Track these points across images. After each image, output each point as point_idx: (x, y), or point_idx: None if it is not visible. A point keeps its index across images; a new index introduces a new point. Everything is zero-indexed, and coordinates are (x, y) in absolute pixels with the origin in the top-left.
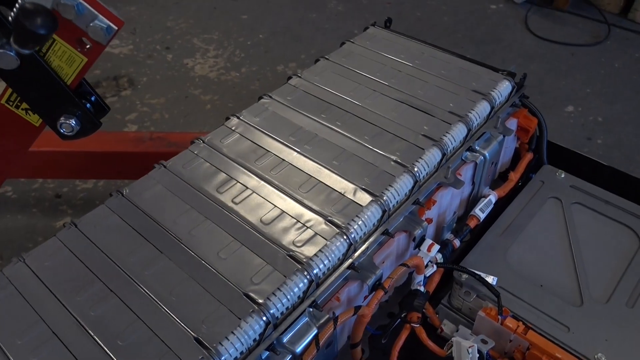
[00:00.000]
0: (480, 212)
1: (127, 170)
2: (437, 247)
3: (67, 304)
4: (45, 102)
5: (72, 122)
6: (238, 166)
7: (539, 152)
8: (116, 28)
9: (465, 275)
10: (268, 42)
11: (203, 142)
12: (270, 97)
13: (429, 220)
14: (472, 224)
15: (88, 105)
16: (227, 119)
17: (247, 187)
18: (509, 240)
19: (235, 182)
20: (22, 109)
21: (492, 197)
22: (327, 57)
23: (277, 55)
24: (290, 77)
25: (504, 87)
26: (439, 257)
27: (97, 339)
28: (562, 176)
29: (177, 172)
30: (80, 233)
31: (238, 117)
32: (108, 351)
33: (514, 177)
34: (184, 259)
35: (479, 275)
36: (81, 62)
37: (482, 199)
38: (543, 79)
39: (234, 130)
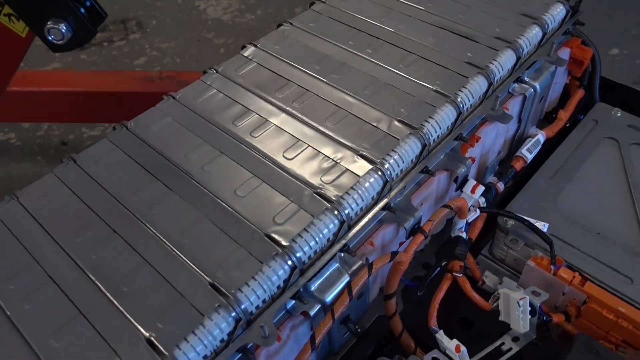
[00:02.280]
0: (528, 152)
1: (135, 113)
2: (481, 188)
3: (65, 246)
4: (29, 2)
5: (62, 27)
6: (256, 97)
7: (591, 89)
8: None
9: (511, 222)
10: None
11: (216, 71)
12: (291, 24)
13: (472, 160)
14: (517, 165)
15: (82, 10)
16: (243, 47)
17: (266, 120)
18: (560, 184)
19: (254, 113)
20: (4, 15)
21: (541, 136)
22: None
23: None
24: (312, 3)
25: (558, 11)
26: (482, 201)
27: (98, 283)
28: (619, 115)
29: (187, 103)
30: (80, 169)
31: (255, 46)
32: (111, 297)
33: (564, 115)
34: (196, 196)
35: (528, 221)
36: None
37: (529, 139)
38: (585, 20)
39: (250, 59)
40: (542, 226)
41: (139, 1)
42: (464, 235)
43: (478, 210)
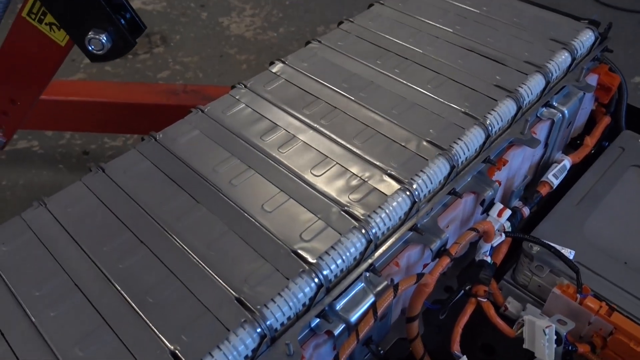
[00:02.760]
0: (554, 177)
1: (158, 125)
2: (508, 212)
3: (92, 254)
4: (72, 12)
5: (103, 37)
6: (284, 113)
7: (617, 116)
8: None
9: (537, 247)
10: (308, 2)
11: (245, 86)
12: (320, 42)
13: (498, 183)
14: (543, 191)
15: (122, 21)
16: (271, 63)
17: (294, 136)
18: (587, 211)
19: (281, 129)
20: (45, 24)
21: (567, 162)
22: (381, 1)
23: (317, 16)
24: (341, 22)
25: (587, 37)
26: (507, 225)
27: (124, 293)
28: None
29: (216, 117)
30: (108, 178)
31: (283, 62)
32: (136, 308)
33: (590, 142)
34: (223, 210)
35: (555, 248)
36: None
37: (555, 164)
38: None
39: (279, 76)
40: (569, 253)
41: (164, 16)
42: (488, 259)
43: (503, 235)
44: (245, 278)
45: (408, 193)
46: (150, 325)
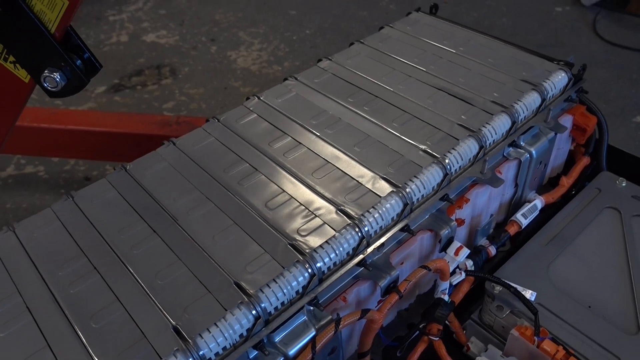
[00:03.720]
0: (523, 217)
1: None
2: (466, 251)
3: (47, 278)
4: (29, 52)
5: (57, 76)
6: (250, 147)
7: (598, 157)
8: None
9: (498, 287)
10: (315, 38)
11: (218, 120)
12: (296, 78)
13: (460, 222)
14: (511, 230)
15: (79, 61)
16: (247, 99)
17: (256, 169)
18: (555, 252)
19: (245, 163)
20: (10, 62)
21: (538, 202)
22: (362, 40)
23: (322, 51)
24: (320, 60)
25: (559, 79)
26: (470, 264)
27: (70, 318)
28: (624, 184)
29: (185, 150)
30: (75, 206)
31: (258, 98)
32: (79, 332)
33: (566, 182)
34: (177, 240)
35: (515, 288)
36: (62, 5)
37: (526, 203)
38: (610, 86)
39: (251, 111)
40: (530, 295)
41: (175, 49)
42: (446, 297)
43: (463, 273)
44: (186, 307)
45: (357, 230)
46: (89, 350)
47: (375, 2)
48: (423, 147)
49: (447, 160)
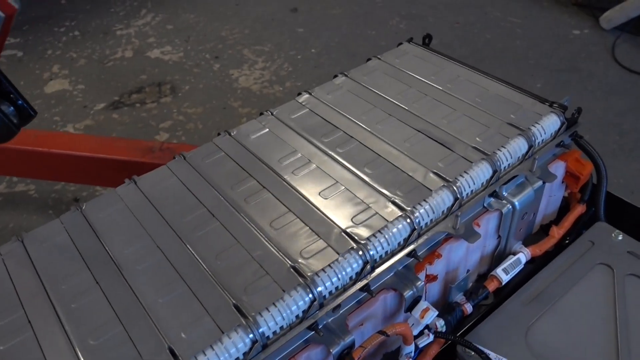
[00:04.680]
0: (503, 273)
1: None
2: (433, 313)
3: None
4: None
5: None
6: (212, 189)
7: (595, 204)
8: (3, 15)
9: (470, 352)
10: (319, 57)
11: (184, 158)
12: (272, 113)
13: (432, 277)
14: (491, 287)
15: (11, 108)
16: (218, 134)
17: (212, 215)
18: (536, 312)
19: (203, 207)
20: None
21: (522, 256)
22: (346, 73)
23: (326, 71)
24: (299, 94)
25: (550, 122)
26: (441, 324)
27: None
28: (620, 238)
29: (145, 190)
30: (24, 249)
31: (229, 134)
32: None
33: (557, 233)
34: (119, 293)
35: (486, 355)
36: None
37: (510, 256)
38: (625, 117)
39: (219, 148)
40: None
41: (178, 66)
42: None
43: (432, 335)
44: None
45: (307, 290)
46: None
47: (385, 21)
48: (392, 197)
49: (416, 214)
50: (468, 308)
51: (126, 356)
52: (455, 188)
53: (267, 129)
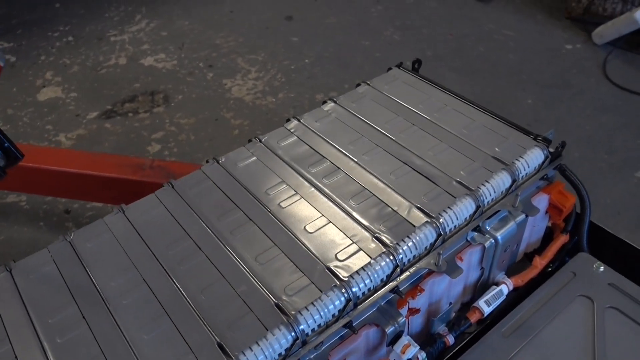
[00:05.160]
0: (485, 304)
1: (123, 197)
2: (414, 349)
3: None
4: None
5: None
6: (199, 220)
7: (578, 234)
8: None
9: None
10: (313, 67)
11: (172, 186)
12: (260, 140)
13: (415, 311)
14: (473, 318)
15: None
16: (207, 162)
17: (199, 248)
18: (516, 345)
19: (189, 239)
20: None
21: (505, 287)
22: (335, 99)
23: (319, 82)
24: (288, 120)
25: (534, 156)
26: (422, 356)
27: None
28: (601, 269)
29: (133, 219)
30: (12, 279)
31: (217, 161)
32: None
33: (539, 263)
34: (105, 329)
35: None
36: None
37: (493, 286)
38: (615, 135)
39: (207, 177)
40: None
41: (172, 74)
42: None
43: None
44: None
45: (290, 329)
46: None
47: (379, 32)
48: (376, 232)
49: (399, 251)
50: (450, 339)
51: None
52: (438, 224)
53: (255, 157)
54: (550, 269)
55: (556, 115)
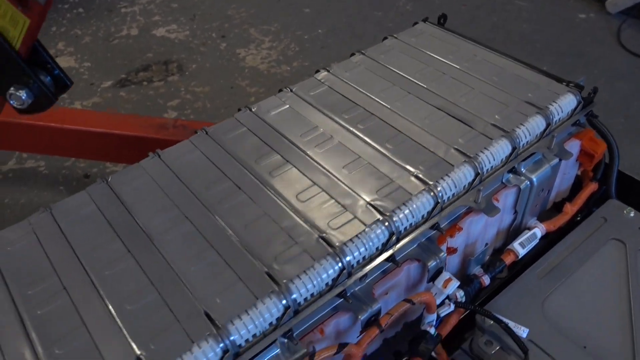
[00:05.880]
0: (520, 246)
1: (145, 156)
2: (455, 283)
3: (16, 298)
4: None
5: (23, 94)
6: (236, 163)
7: (607, 183)
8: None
9: (490, 321)
10: (326, 38)
11: (206, 132)
12: (291, 90)
13: (453, 250)
14: (507, 260)
15: (48, 77)
16: (239, 110)
17: (238, 188)
18: (551, 285)
19: (228, 180)
20: None
21: (538, 230)
22: (363, 51)
23: (333, 52)
24: (317, 71)
25: (567, 101)
26: (461, 294)
27: (35, 341)
28: (632, 215)
29: (170, 163)
30: (53, 219)
31: (250, 109)
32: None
33: (570, 209)
34: (150, 262)
35: (505, 324)
36: (24, 23)
37: (526, 231)
38: (630, 101)
39: (242, 124)
40: (522, 331)
41: (184, 45)
42: (432, 330)
43: (452, 305)
44: (153, 336)
45: (337, 259)
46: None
47: (392, 3)
48: (415, 172)
49: (439, 188)
50: (486, 280)
51: (163, 320)
52: (476, 163)
53: (288, 105)
54: (578, 218)
55: None
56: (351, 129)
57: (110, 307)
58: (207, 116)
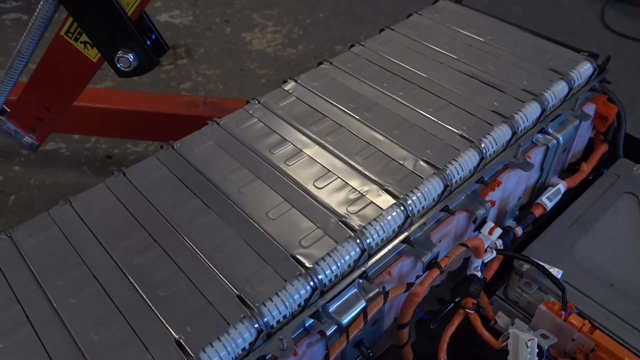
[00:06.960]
0: (548, 200)
1: (178, 134)
2: (499, 231)
3: (110, 250)
4: (104, 33)
5: (131, 57)
6: (292, 128)
7: (615, 144)
8: None
9: (526, 265)
10: (328, 21)
11: (258, 102)
12: (331, 63)
13: (492, 203)
14: (537, 212)
15: (148, 42)
16: (285, 81)
17: (301, 150)
18: (577, 234)
19: (289, 144)
20: (80, 42)
21: (562, 186)
22: (392, 27)
23: (336, 35)
24: (352, 45)
25: (585, 69)
26: (499, 243)
27: (136, 286)
28: None
29: (230, 130)
30: (128, 182)
31: (296, 81)
32: (147, 299)
33: (586, 168)
34: (231, 216)
35: (543, 267)
36: None
37: (550, 187)
38: (617, 77)
39: (290, 93)
40: (557, 272)
41: (189, 30)
42: (479, 274)
43: (494, 252)
44: (247, 278)
45: (402, 208)
46: (159, 315)
47: None
48: (459, 132)
49: (483, 145)
50: (519, 231)
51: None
52: (512, 124)
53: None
54: (590, 178)
55: None
56: (393, 96)
57: (201, 255)
58: (221, 97)
